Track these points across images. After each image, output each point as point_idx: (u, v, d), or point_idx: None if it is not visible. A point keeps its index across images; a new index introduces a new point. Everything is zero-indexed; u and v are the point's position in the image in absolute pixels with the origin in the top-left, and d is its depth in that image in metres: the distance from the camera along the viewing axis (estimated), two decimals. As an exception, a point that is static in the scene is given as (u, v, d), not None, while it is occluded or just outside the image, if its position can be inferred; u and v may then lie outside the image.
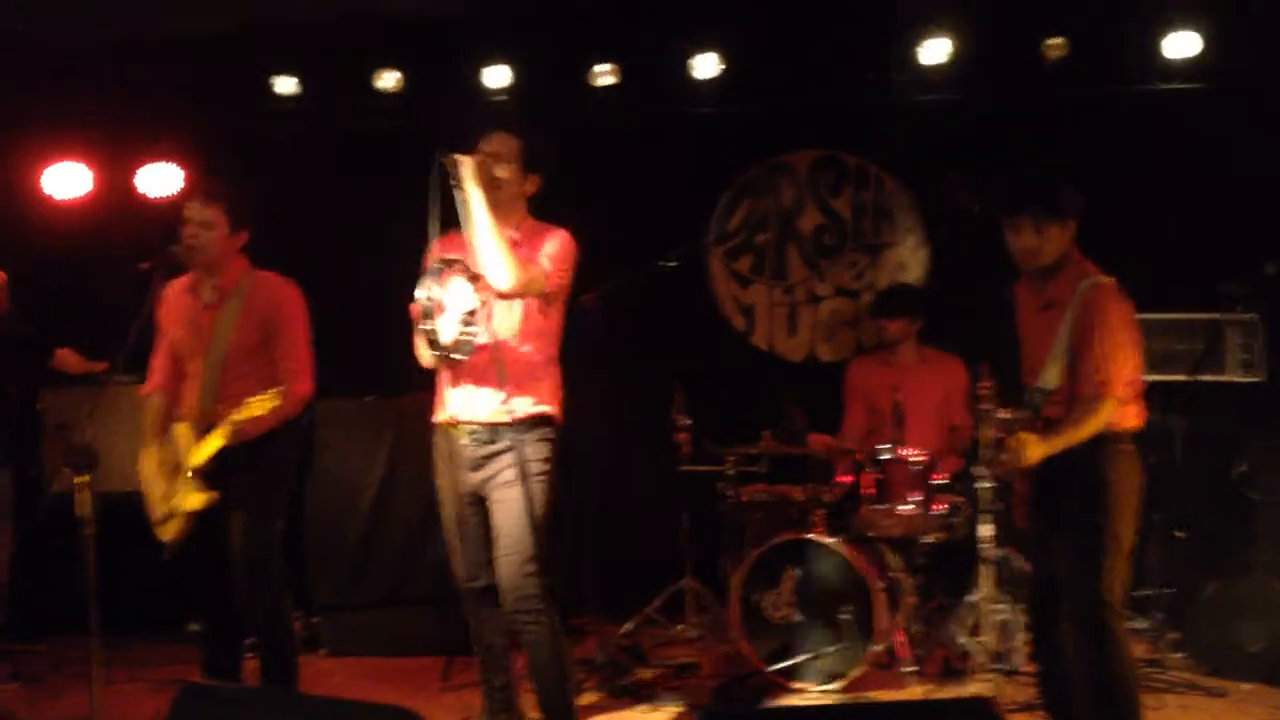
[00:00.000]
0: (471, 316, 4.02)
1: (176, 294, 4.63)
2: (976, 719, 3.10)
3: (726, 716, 4.10)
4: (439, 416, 4.19)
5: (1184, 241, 5.92)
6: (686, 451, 5.90)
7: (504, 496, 4.03)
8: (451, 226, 4.00)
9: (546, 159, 4.20)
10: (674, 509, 6.01)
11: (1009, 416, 4.00)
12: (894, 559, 5.27)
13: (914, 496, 5.22)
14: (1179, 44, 6.04)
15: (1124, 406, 3.93)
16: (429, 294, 4.00)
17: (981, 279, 4.54)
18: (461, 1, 6.36)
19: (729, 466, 5.70)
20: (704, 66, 6.39)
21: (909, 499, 5.22)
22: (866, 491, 5.28)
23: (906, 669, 5.01)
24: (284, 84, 6.51)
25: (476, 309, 4.02)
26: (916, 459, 5.25)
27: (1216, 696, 4.86)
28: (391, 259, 4.54)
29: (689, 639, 5.82)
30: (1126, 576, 3.94)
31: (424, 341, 4.04)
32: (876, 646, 4.96)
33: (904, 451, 5.27)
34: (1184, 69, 6.13)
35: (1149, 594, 5.44)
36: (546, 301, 4.11)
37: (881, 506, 5.24)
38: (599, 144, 6.60)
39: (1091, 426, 3.86)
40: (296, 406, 4.46)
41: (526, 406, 4.07)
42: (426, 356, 4.08)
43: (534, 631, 4.06)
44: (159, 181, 6.46)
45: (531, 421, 4.08)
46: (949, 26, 6.18)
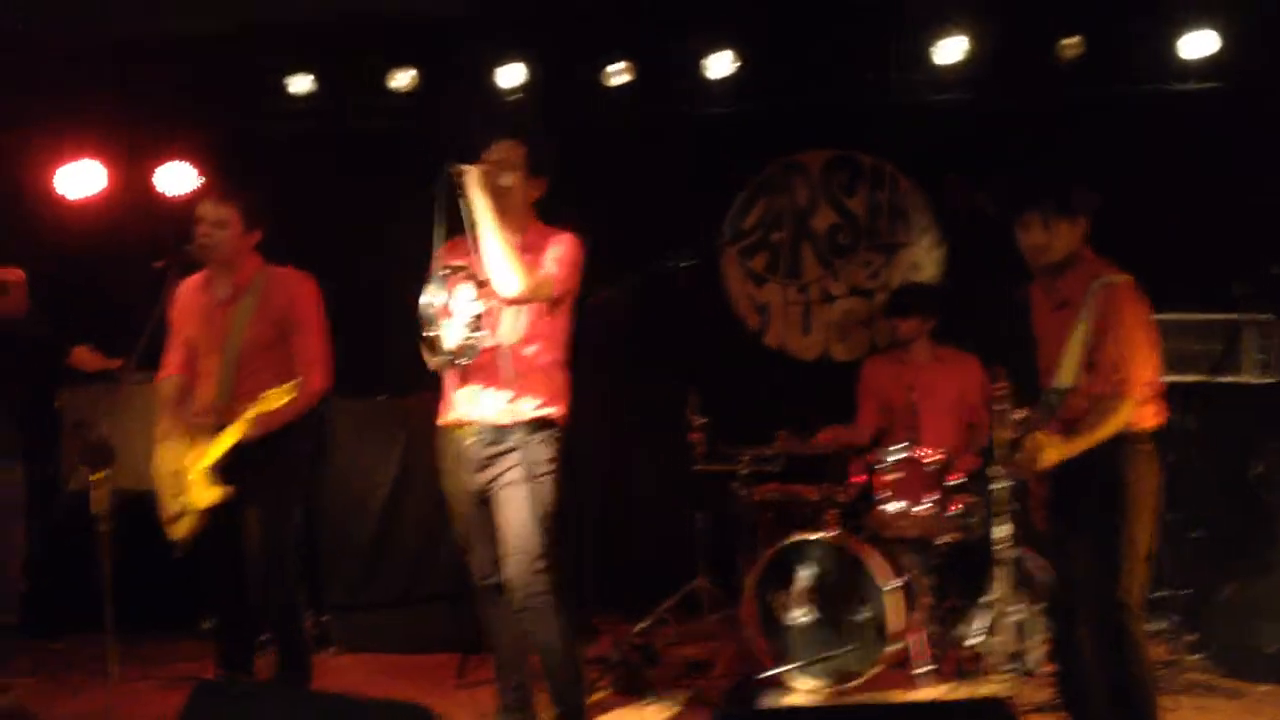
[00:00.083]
0: (477, 322, 4.03)
1: (190, 292, 4.65)
2: (992, 719, 3.10)
3: (740, 717, 4.09)
4: (444, 419, 4.20)
5: (1199, 242, 5.90)
6: (700, 451, 5.89)
7: (510, 496, 4.05)
8: (457, 232, 4.01)
9: (551, 163, 4.20)
10: (688, 509, 6.00)
11: (1024, 417, 3.98)
12: (909, 559, 5.25)
13: (930, 497, 5.20)
14: (1195, 43, 6.02)
15: (1142, 406, 3.91)
16: (433, 300, 4.01)
17: (997, 279, 4.52)
18: (474, 1, 6.37)
19: (743, 466, 5.69)
20: (717, 65, 6.38)
21: (924, 499, 5.21)
22: (881, 492, 5.26)
23: (922, 669, 4.99)
24: (298, 83, 6.52)
25: (482, 314, 4.03)
26: (932, 459, 5.23)
27: (1233, 698, 4.84)
28: (403, 259, 4.52)
29: (703, 638, 5.81)
30: (1145, 578, 3.92)
31: (427, 347, 4.04)
32: (891, 647, 4.95)
33: (919, 451, 5.26)
34: (1200, 69, 6.10)
35: (1166, 595, 5.41)
36: (553, 305, 4.12)
37: (897, 507, 5.23)
38: (612, 143, 6.61)
39: (1110, 427, 3.84)
40: (312, 399, 4.47)
41: (532, 408, 4.08)
42: (431, 361, 4.09)
43: (544, 629, 4.06)
44: (174, 180, 6.47)
45: (537, 423, 4.09)
46: (963, 26, 6.16)
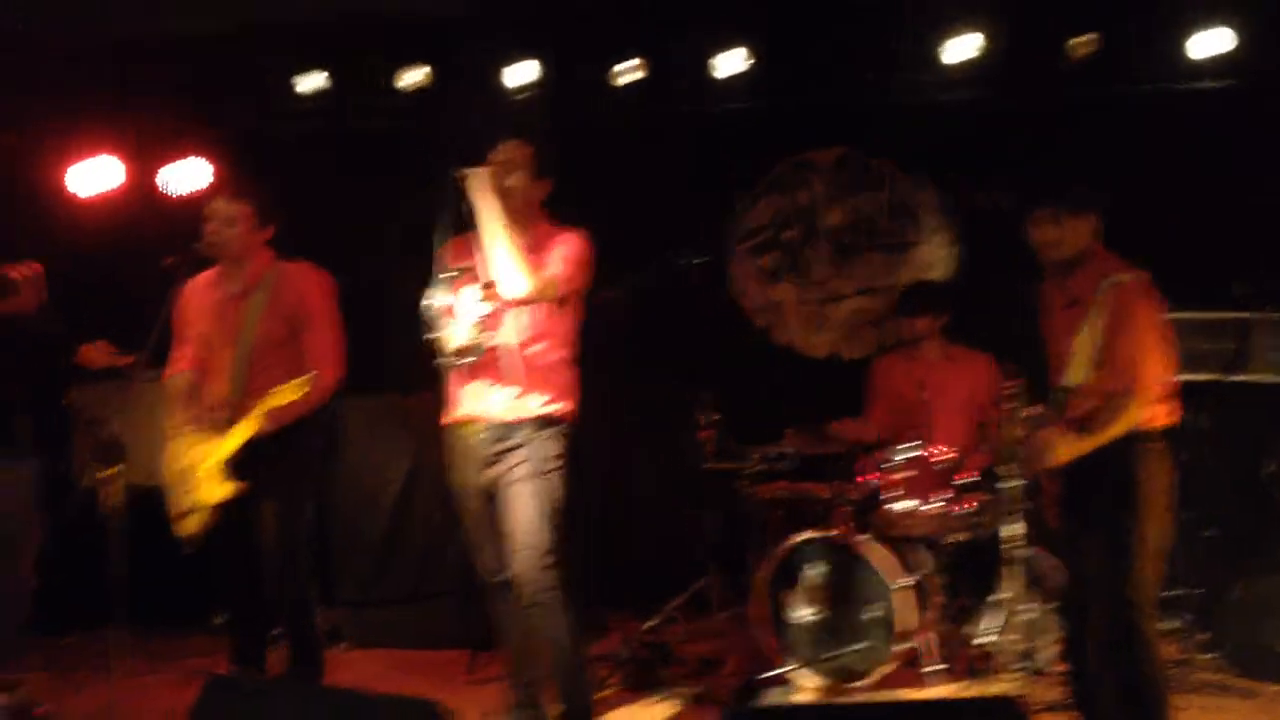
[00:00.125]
0: (483, 322, 4.04)
1: (201, 289, 4.66)
2: (1003, 718, 3.09)
3: (750, 715, 4.08)
4: (451, 416, 4.21)
5: (1206, 240, 5.88)
6: (710, 449, 5.89)
7: (518, 492, 4.06)
8: (461, 232, 4.03)
9: (556, 163, 4.22)
10: (697, 507, 6.00)
11: (1034, 414, 3.98)
12: (920, 558, 5.24)
13: (940, 495, 5.19)
14: (1207, 42, 5.99)
15: (1155, 405, 3.90)
16: (438, 302, 4.01)
17: (1008, 277, 4.52)
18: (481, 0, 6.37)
19: (752, 464, 5.68)
20: (727, 64, 6.37)
21: (934, 498, 5.20)
22: (891, 490, 5.26)
23: (931, 668, 4.99)
24: (306, 82, 6.52)
25: (487, 315, 4.03)
26: (942, 457, 5.22)
27: (1247, 698, 4.83)
28: (409, 257, 4.53)
29: (712, 636, 5.81)
30: (1157, 576, 3.92)
31: (431, 349, 4.05)
32: (901, 645, 4.94)
33: (929, 450, 5.25)
34: (1214, 67, 6.08)
35: (1178, 594, 5.39)
36: (559, 303, 4.13)
37: (906, 505, 5.22)
38: (621, 142, 6.61)
39: (1120, 426, 3.84)
40: (325, 394, 4.48)
41: (539, 405, 4.10)
42: (438, 361, 4.10)
43: (551, 625, 4.07)
44: (186, 178, 6.49)
45: (544, 420, 4.11)
46: (973, 24, 6.15)
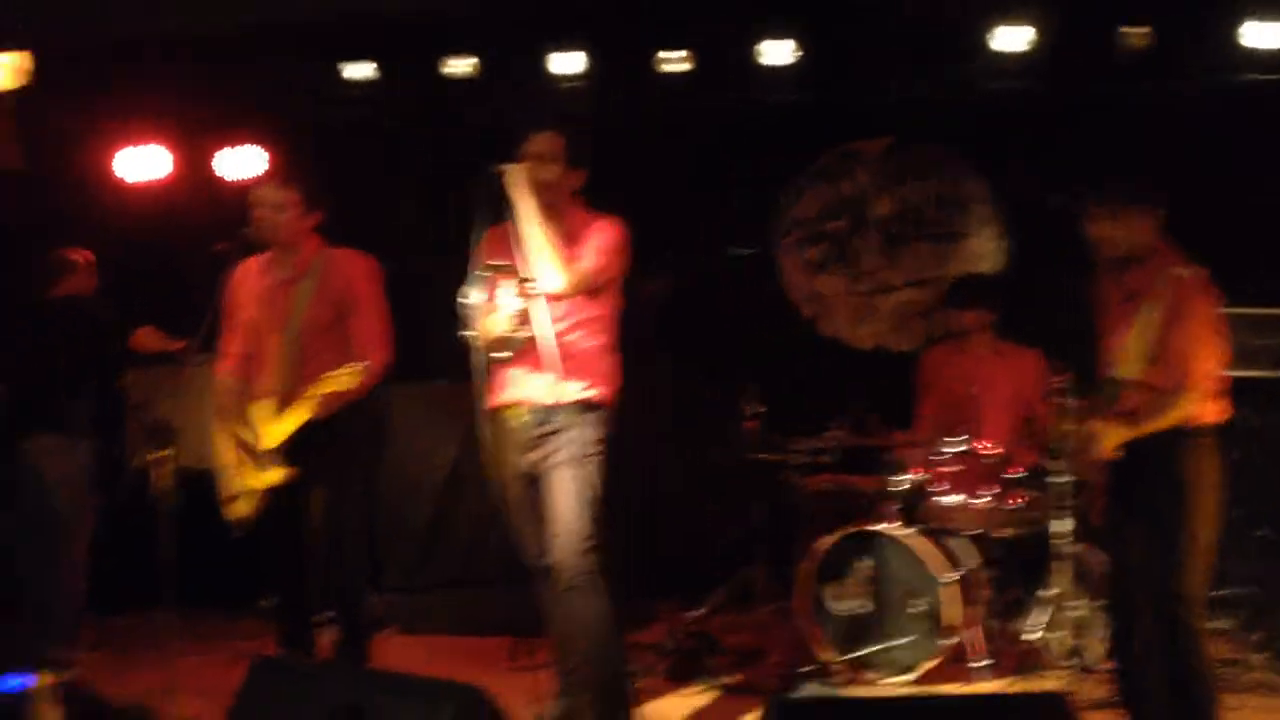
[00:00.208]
0: (520, 316, 4.05)
1: (250, 275, 4.71)
2: (1051, 715, 3.08)
3: (796, 704, 4.08)
4: (493, 401, 4.23)
5: (1263, 235, 5.80)
6: (756, 440, 5.88)
7: (558, 477, 4.08)
8: (498, 224, 4.05)
9: (589, 153, 4.22)
10: (744, 497, 5.99)
11: (1084, 405, 3.96)
12: (967, 552, 5.21)
13: (988, 490, 5.16)
14: (1262, 33, 5.89)
15: (1206, 401, 3.87)
16: (473, 300, 4.02)
17: (1058, 270, 4.48)
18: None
19: (797, 456, 5.67)
20: (775, 54, 6.34)
21: (982, 492, 5.17)
22: (938, 484, 5.23)
23: (979, 663, 4.96)
24: (355, 70, 6.54)
25: (524, 309, 4.04)
26: (990, 452, 5.19)
27: (1300, 699, 4.77)
28: (453, 246, 4.54)
29: (756, 627, 5.80)
30: (1206, 573, 3.88)
31: (470, 345, 4.06)
32: (947, 640, 4.92)
33: (977, 444, 5.22)
34: (1269, 59, 5.98)
35: (1229, 593, 5.33)
36: (595, 292, 4.14)
37: (954, 500, 5.20)
38: (668, 133, 6.60)
39: (1169, 419, 3.82)
40: (375, 378, 4.51)
41: (577, 391, 4.11)
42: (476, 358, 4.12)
43: (587, 610, 4.08)
44: (238, 164, 6.55)
45: (584, 405, 4.12)
46: (1024, 14, 6.08)
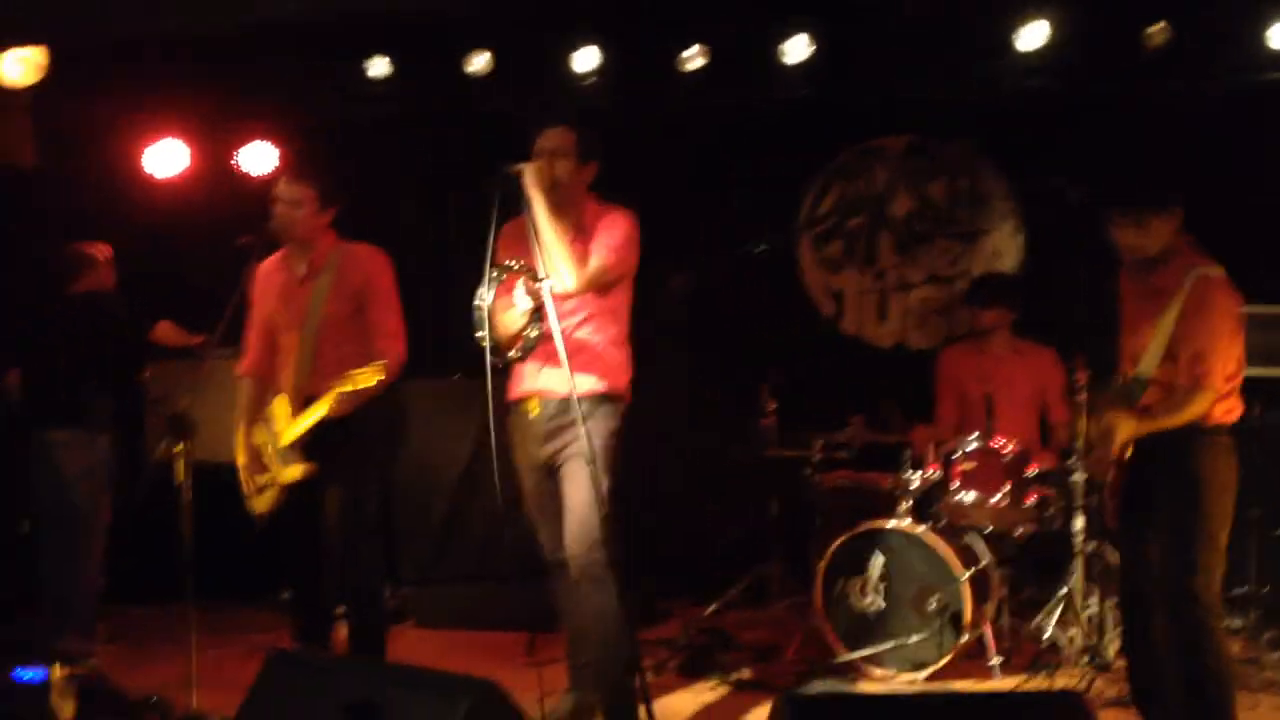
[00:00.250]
0: (533, 314, 4.06)
1: (268, 271, 4.73)
2: (1067, 713, 3.07)
3: (809, 701, 4.08)
4: (511, 394, 4.27)
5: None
6: (774, 436, 5.88)
7: (571, 470, 4.10)
8: (508, 222, 4.07)
9: (600, 147, 4.23)
10: (760, 493, 5.99)
11: (1101, 400, 3.95)
12: (983, 550, 5.20)
13: (1005, 488, 5.15)
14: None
15: (1222, 400, 3.86)
16: (485, 303, 4.02)
17: (1080, 267, 4.47)
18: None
19: (816, 452, 5.67)
20: (794, 50, 6.32)
21: (999, 490, 5.15)
22: (955, 481, 5.22)
23: (994, 661, 4.95)
24: (376, 66, 6.55)
25: (538, 307, 4.05)
26: (1008, 449, 5.18)
27: (1316, 698, 4.75)
28: (469, 241, 4.55)
29: (771, 623, 5.80)
30: (1221, 572, 3.87)
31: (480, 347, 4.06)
32: (964, 637, 4.91)
33: (996, 442, 5.20)
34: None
35: (1246, 592, 5.32)
36: (607, 286, 4.15)
37: (971, 497, 5.18)
38: (686, 129, 6.60)
39: (1186, 415, 3.81)
40: (395, 373, 4.53)
41: (591, 384, 4.13)
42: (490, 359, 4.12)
43: (597, 602, 4.09)
44: (259, 159, 6.57)
45: (597, 398, 4.14)
46: (1045, 11, 6.05)
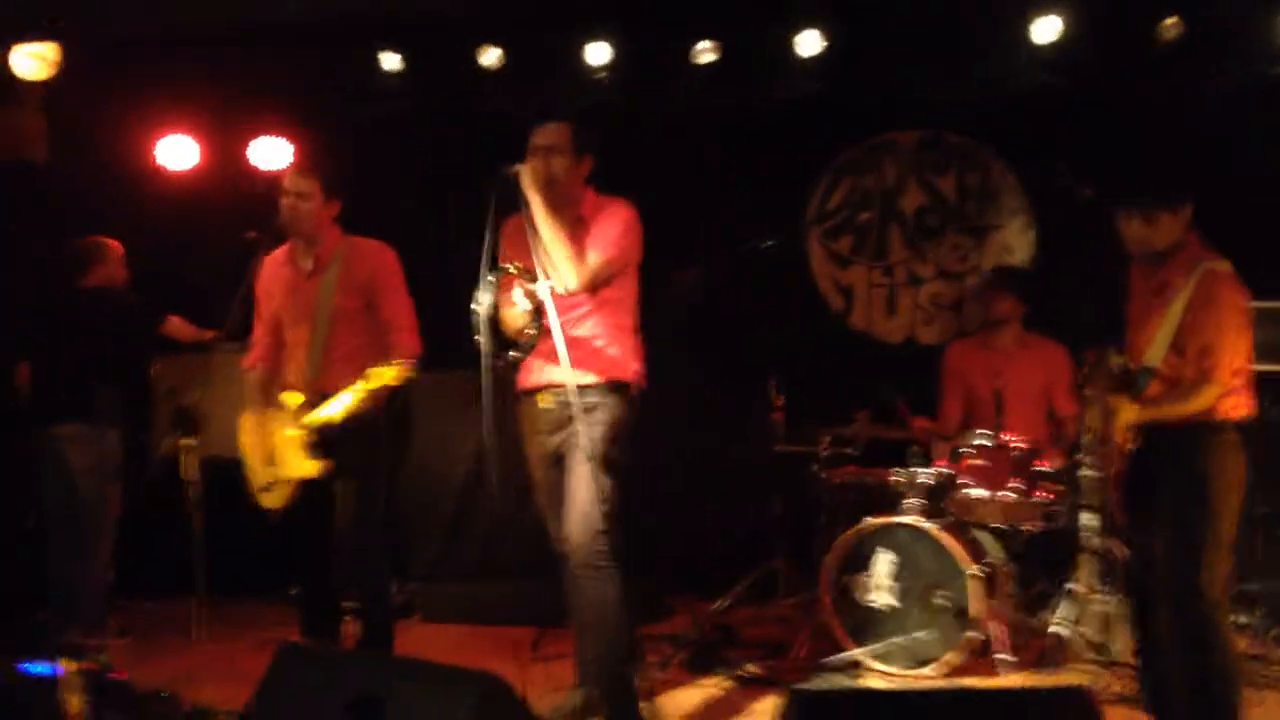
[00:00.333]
0: (534, 313, 4.05)
1: (275, 266, 4.74)
2: (1073, 708, 3.06)
3: (817, 696, 4.07)
4: (521, 385, 4.29)
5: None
6: (782, 431, 5.87)
7: (577, 459, 4.10)
8: (506, 222, 4.08)
9: (595, 140, 4.24)
10: (767, 489, 5.99)
11: (1110, 363, 3.95)
12: (992, 545, 5.19)
13: (1013, 483, 5.14)
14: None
15: (1229, 395, 3.85)
16: (483, 305, 4.00)
17: (1089, 262, 4.46)
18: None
19: (823, 447, 5.66)
20: (805, 45, 6.31)
21: (1008, 486, 5.15)
22: (964, 477, 5.21)
23: (1002, 656, 4.95)
24: (388, 61, 6.56)
25: (539, 306, 4.05)
26: (1017, 445, 5.17)
27: (1323, 694, 4.73)
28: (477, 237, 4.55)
29: (778, 619, 5.80)
30: (1228, 568, 3.86)
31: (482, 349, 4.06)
32: (971, 633, 4.91)
33: (1004, 437, 5.19)
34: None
35: (1253, 589, 5.30)
36: (610, 279, 4.16)
37: (980, 493, 5.17)
38: (697, 123, 6.59)
39: (1191, 407, 3.82)
40: (413, 367, 4.54)
41: (597, 376, 4.14)
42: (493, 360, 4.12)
43: (596, 587, 4.10)
44: (268, 155, 6.59)
45: (604, 389, 4.14)
46: (1058, 6, 6.04)
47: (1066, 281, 5.96)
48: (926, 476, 5.30)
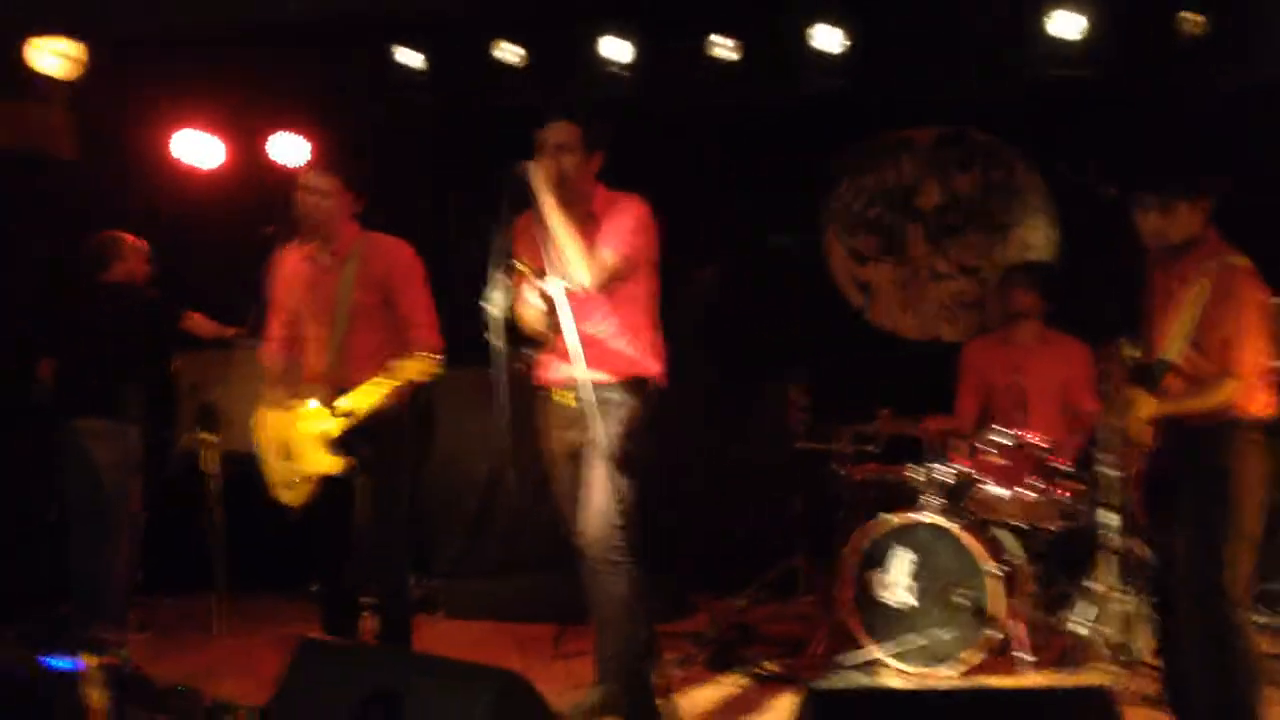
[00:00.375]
0: (549, 310, 4.06)
1: (293, 261, 4.75)
2: (1093, 708, 3.05)
3: (836, 695, 4.07)
4: (540, 380, 4.30)
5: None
6: (802, 429, 5.86)
7: (595, 455, 4.11)
8: (516, 220, 4.07)
9: (605, 137, 4.23)
10: (788, 486, 5.98)
11: (1123, 354, 3.94)
12: (1012, 544, 5.17)
13: (1034, 481, 5.12)
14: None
15: (1251, 392, 3.82)
16: (496, 302, 4.01)
17: (1112, 261, 4.43)
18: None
19: (843, 445, 5.65)
20: (825, 40, 6.29)
21: (1029, 484, 5.12)
22: (984, 475, 5.19)
23: (1022, 656, 4.93)
24: (407, 57, 6.57)
25: (553, 304, 4.05)
26: (1038, 443, 5.15)
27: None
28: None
29: (798, 617, 5.80)
30: (1249, 568, 3.83)
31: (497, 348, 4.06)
32: (991, 632, 4.89)
33: (1025, 435, 5.17)
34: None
35: (1275, 588, 5.26)
36: (625, 276, 4.16)
37: (1000, 491, 5.15)
38: (716, 119, 6.58)
39: (1211, 401, 3.79)
40: (437, 363, 4.56)
41: (614, 372, 4.15)
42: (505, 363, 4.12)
43: (612, 583, 4.11)
44: (291, 151, 6.62)
45: (625, 382, 4.16)
46: (1079, 1, 6.00)
47: (1090, 281, 5.92)
48: (946, 474, 5.28)
